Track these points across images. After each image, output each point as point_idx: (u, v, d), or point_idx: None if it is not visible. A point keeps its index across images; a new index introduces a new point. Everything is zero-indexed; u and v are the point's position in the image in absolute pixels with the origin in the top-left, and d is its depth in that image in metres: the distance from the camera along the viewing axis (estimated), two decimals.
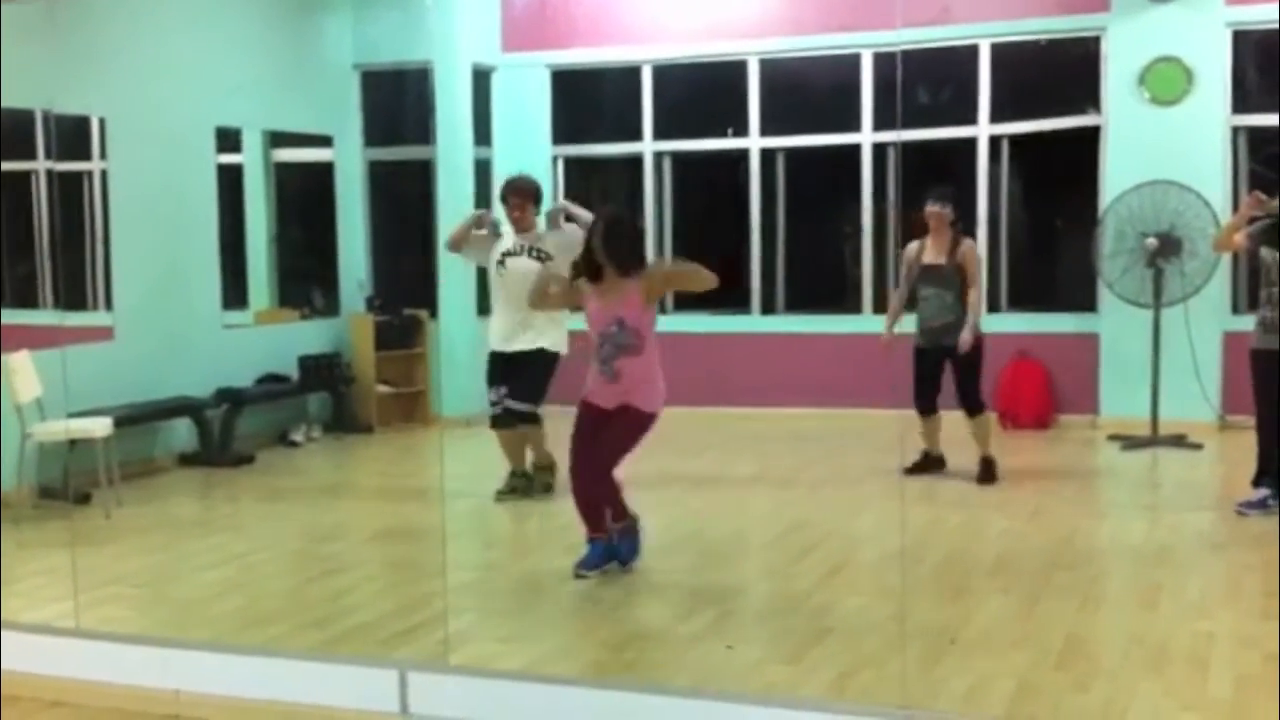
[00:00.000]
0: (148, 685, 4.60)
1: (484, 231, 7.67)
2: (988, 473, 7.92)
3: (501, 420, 7.66)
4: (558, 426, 6.83)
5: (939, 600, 5.55)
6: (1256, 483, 6.92)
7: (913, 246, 8.08)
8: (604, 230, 5.90)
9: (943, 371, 7.97)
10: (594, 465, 5.95)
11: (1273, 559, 6.07)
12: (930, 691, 4.42)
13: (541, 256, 7.39)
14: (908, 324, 8.12)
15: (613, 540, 6.07)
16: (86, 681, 4.69)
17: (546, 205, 7.81)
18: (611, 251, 5.85)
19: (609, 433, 5.92)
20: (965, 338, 7.82)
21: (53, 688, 4.71)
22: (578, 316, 6.39)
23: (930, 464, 8.15)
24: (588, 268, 5.96)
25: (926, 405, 8.03)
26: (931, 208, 7.95)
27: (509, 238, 7.60)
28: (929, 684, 4.49)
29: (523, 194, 7.58)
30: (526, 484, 7.74)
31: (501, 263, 7.56)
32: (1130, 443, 8.92)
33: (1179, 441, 8.84)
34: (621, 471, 6.07)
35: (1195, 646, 4.92)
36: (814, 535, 6.83)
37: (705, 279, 5.88)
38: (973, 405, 7.95)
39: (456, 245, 7.73)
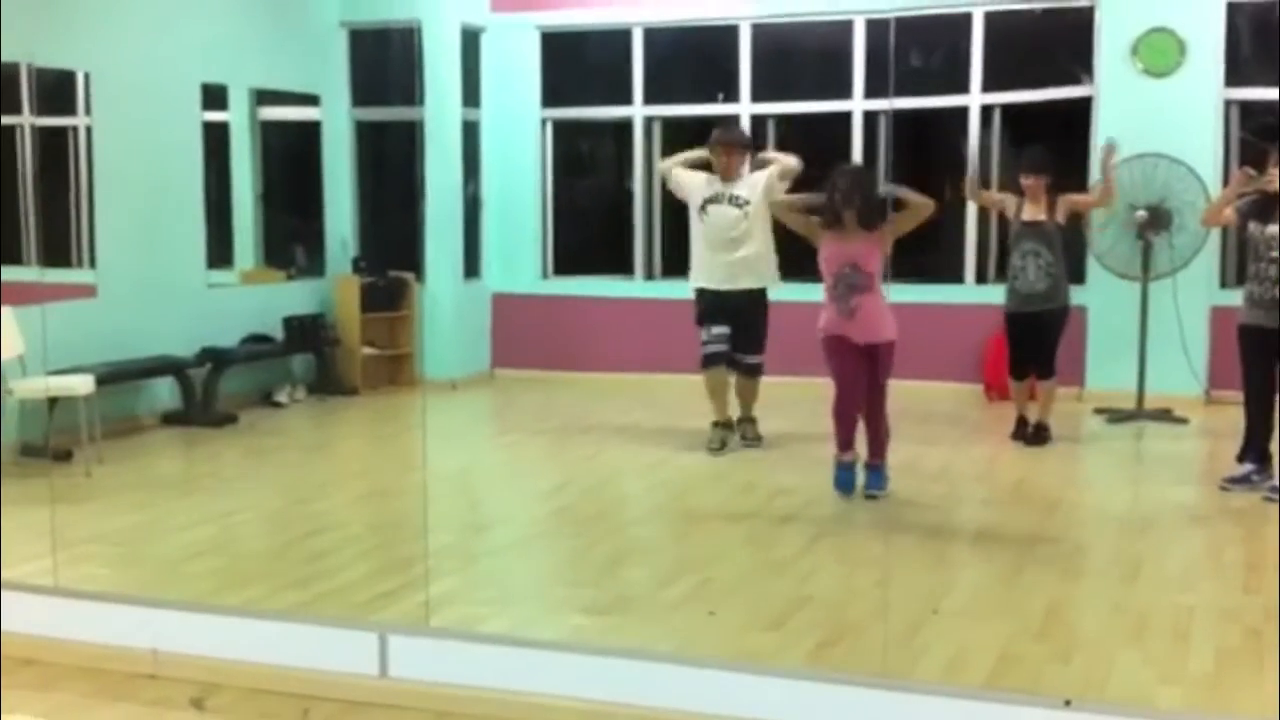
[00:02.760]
0: (125, 644, 4.58)
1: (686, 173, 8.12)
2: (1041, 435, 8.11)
3: (715, 361, 7.98)
4: None
5: (921, 570, 5.55)
6: (1241, 458, 6.92)
7: (1011, 200, 8.28)
8: (849, 185, 6.71)
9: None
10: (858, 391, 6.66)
11: (1256, 533, 6.09)
12: (911, 661, 4.42)
13: (741, 204, 7.87)
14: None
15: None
16: (63, 640, 4.67)
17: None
18: (857, 206, 6.63)
19: (866, 368, 6.63)
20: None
21: (29, 645, 4.68)
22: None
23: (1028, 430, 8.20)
24: (829, 215, 6.72)
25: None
26: (1026, 180, 8.16)
27: (713, 183, 7.97)
28: (910, 653, 4.49)
29: (732, 145, 8.01)
30: (729, 435, 8.02)
31: (704, 208, 7.95)
32: (1116, 416, 8.91)
33: (1165, 415, 8.84)
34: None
35: (1176, 619, 4.93)
36: (796, 502, 6.81)
37: (924, 207, 6.70)
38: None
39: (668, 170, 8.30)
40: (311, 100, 10.65)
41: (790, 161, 8.04)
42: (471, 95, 10.83)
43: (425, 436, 7.67)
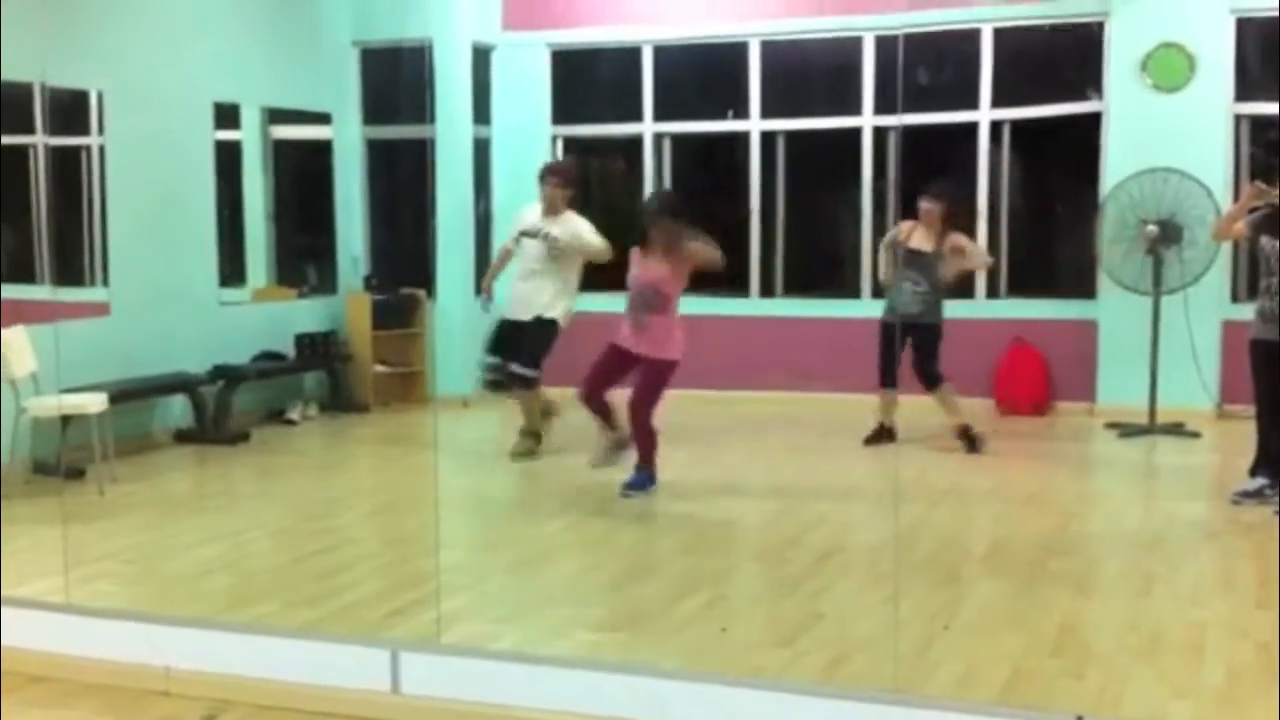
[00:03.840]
0: (138, 661, 4.59)
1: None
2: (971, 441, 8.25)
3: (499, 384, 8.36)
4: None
5: (932, 585, 5.54)
6: (1254, 472, 6.90)
7: (903, 226, 8.57)
8: (656, 211, 7.43)
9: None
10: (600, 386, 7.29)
11: (1268, 548, 6.06)
12: (923, 676, 4.42)
13: (552, 243, 8.12)
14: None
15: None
16: (76, 657, 4.67)
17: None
18: (663, 233, 7.15)
19: (640, 379, 7.18)
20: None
21: (42, 662, 4.69)
22: None
23: (884, 435, 8.44)
24: (639, 236, 7.27)
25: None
26: (925, 204, 8.45)
27: (534, 216, 8.25)
28: (921, 669, 4.48)
29: (561, 176, 8.34)
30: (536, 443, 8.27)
31: (518, 240, 8.27)
32: (1127, 430, 8.90)
33: (1176, 430, 8.83)
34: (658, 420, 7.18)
35: (1189, 634, 4.92)
36: (807, 519, 6.81)
37: (712, 263, 7.24)
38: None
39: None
40: (323, 119, 10.69)
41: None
42: (482, 113, 10.87)
43: (436, 454, 7.70)
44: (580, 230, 8.15)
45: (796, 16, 10.42)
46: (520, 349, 8.15)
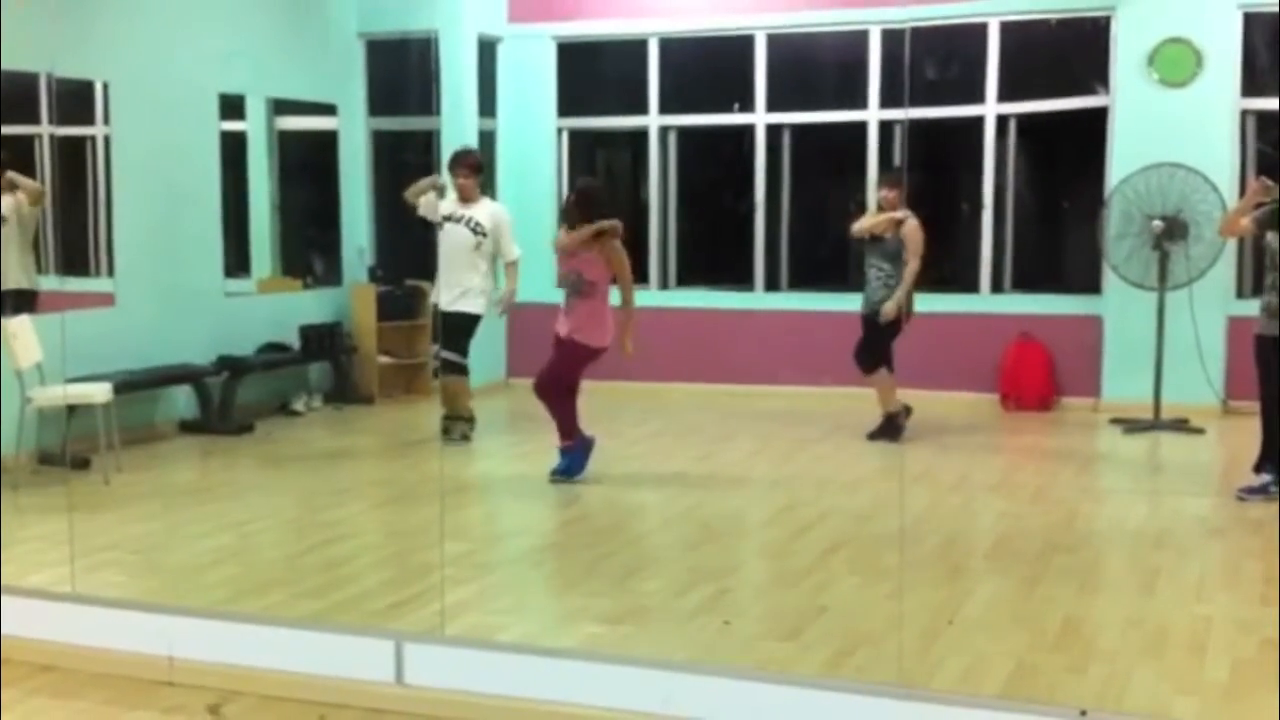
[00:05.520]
0: (142, 651, 4.60)
1: (432, 196, 8.54)
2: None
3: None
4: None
5: (937, 580, 5.55)
6: (1258, 468, 6.90)
7: (864, 219, 8.68)
8: (577, 199, 7.60)
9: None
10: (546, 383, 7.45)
11: (1272, 544, 6.06)
12: (927, 671, 4.42)
13: (476, 230, 8.39)
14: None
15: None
16: (81, 646, 4.69)
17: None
18: (582, 219, 7.34)
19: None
20: (889, 308, 8.31)
21: (47, 652, 4.71)
22: None
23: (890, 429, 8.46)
24: (564, 224, 7.54)
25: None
26: (881, 189, 8.65)
27: (450, 203, 8.44)
28: (925, 663, 4.49)
29: (470, 167, 8.48)
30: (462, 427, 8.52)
31: (440, 225, 8.41)
32: (1132, 426, 8.90)
33: (1181, 425, 8.82)
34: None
35: (1193, 631, 4.92)
36: (812, 513, 6.81)
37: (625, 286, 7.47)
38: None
39: (413, 198, 8.63)
40: (329, 110, 10.69)
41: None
42: (488, 105, 10.87)
43: (441, 445, 7.71)
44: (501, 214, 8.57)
45: (803, 10, 10.40)
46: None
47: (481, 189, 8.66)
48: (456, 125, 10.40)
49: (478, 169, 8.62)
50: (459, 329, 8.47)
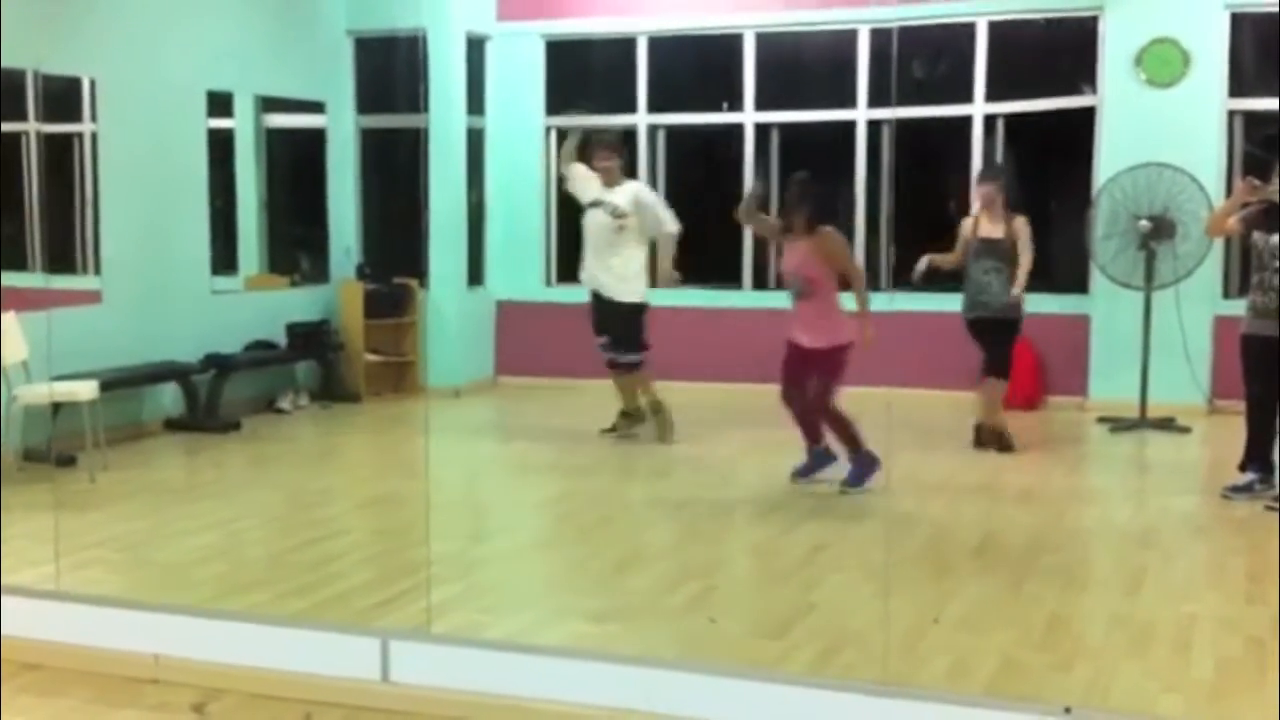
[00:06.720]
0: (128, 649, 4.58)
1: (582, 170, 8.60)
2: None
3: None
4: None
5: (923, 579, 5.55)
6: (1244, 467, 6.92)
7: (968, 222, 8.32)
8: (796, 194, 7.19)
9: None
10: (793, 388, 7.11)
11: (1258, 543, 6.08)
12: (912, 669, 4.42)
13: (615, 214, 8.31)
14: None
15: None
16: (66, 644, 4.66)
17: None
18: (802, 215, 7.02)
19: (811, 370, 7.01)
20: (1018, 295, 8.09)
21: (32, 650, 4.69)
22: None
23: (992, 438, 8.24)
24: (784, 223, 7.25)
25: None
26: (981, 187, 8.31)
27: (596, 187, 8.47)
28: (911, 661, 4.49)
29: (609, 149, 8.48)
30: (633, 423, 8.52)
31: (583, 211, 8.51)
32: (1119, 425, 8.92)
33: (1167, 424, 8.84)
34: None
35: (1178, 629, 4.93)
36: (799, 511, 6.81)
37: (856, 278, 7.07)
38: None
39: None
40: (317, 107, 10.68)
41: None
42: (476, 103, 10.86)
43: (428, 443, 7.68)
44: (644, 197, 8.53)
45: (791, 9, 10.41)
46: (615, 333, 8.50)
47: (623, 173, 8.61)
48: (445, 123, 10.41)
49: (618, 151, 8.56)
50: (622, 319, 8.43)
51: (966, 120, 10.04)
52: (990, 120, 10.03)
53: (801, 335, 7.06)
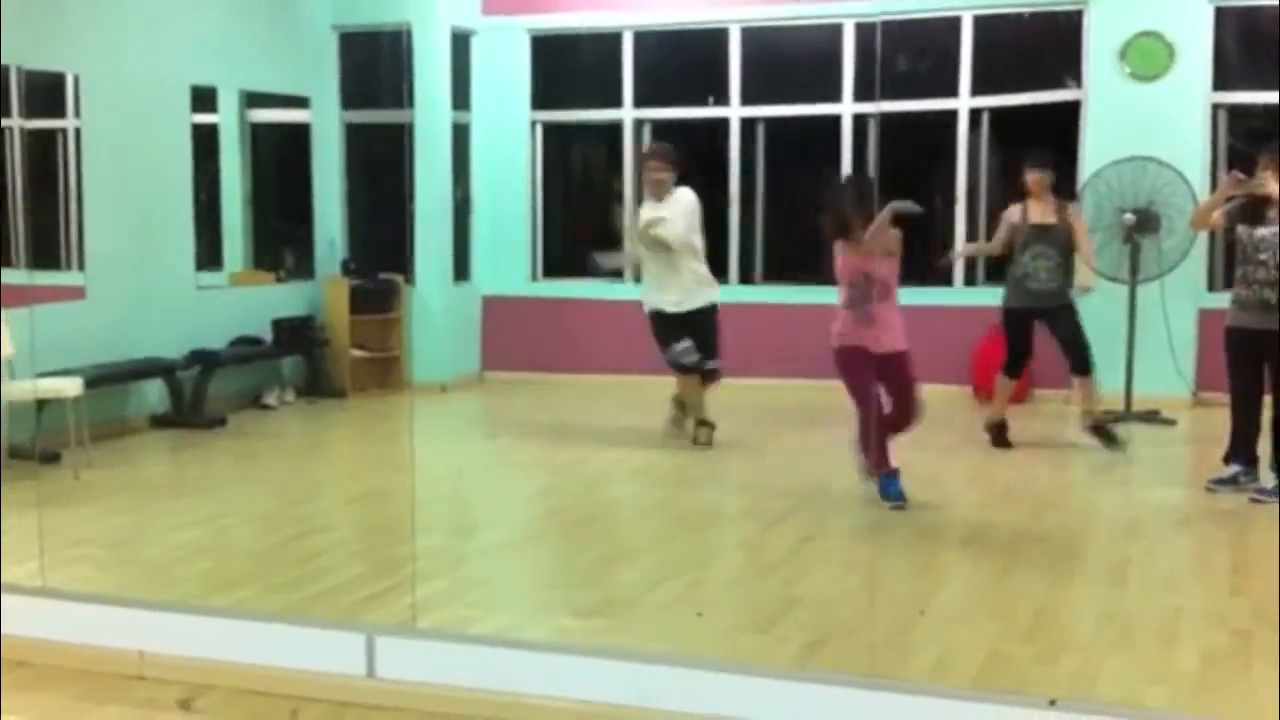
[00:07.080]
0: (113, 646, 4.57)
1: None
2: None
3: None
4: None
5: (909, 572, 5.56)
6: (1228, 460, 6.93)
7: (1015, 209, 8.25)
8: (856, 191, 6.90)
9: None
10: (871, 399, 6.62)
11: (1241, 535, 6.11)
12: (898, 661, 4.43)
13: (670, 230, 8.03)
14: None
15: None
16: (51, 641, 4.65)
17: None
18: (860, 214, 6.53)
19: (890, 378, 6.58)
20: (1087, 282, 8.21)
21: (17, 647, 4.67)
22: None
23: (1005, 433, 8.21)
24: (838, 225, 6.63)
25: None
26: (1031, 174, 8.18)
27: (648, 209, 8.16)
28: (897, 654, 4.50)
29: (662, 159, 8.22)
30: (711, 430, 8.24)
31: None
32: (1104, 417, 8.92)
33: (1152, 417, 8.86)
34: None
35: (1164, 620, 4.95)
36: (785, 505, 6.81)
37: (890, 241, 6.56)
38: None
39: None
40: (301, 103, 10.65)
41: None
42: (462, 98, 10.84)
43: (413, 439, 7.66)
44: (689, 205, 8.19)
45: (777, 3, 10.42)
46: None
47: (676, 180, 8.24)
48: (430, 118, 10.39)
49: (670, 160, 8.24)
50: (700, 325, 8.22)
51: (952, 114, 10.05)
52: (975, 114, 10.04)
53: (879, 338, 6.60)
